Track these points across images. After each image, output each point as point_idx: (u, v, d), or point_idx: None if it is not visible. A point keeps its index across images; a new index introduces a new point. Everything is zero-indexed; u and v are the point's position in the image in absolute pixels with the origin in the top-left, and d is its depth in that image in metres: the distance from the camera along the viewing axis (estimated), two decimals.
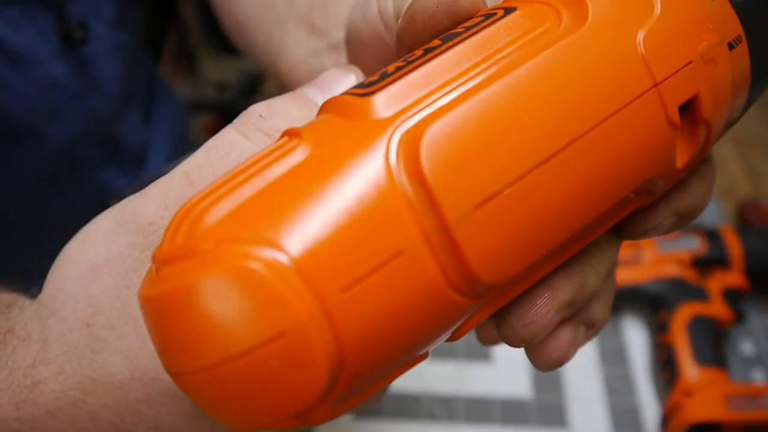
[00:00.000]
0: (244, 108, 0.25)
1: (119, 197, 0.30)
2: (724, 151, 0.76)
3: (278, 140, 0.19)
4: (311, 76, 0.29)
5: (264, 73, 0.98)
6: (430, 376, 0.55)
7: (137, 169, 0.67)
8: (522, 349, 0.24)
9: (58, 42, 0.52)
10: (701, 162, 0.25)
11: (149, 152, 0.69)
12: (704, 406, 0.46)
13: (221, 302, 0.16)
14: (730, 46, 0.21)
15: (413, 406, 0.53)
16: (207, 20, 1.70)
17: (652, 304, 0.56)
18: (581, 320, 0.25)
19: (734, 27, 0.21)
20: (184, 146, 0.78)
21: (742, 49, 0.21)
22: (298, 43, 0.42)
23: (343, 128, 0.19)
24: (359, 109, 0.19)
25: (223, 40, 2.16)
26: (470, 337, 0.25)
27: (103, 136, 0.60)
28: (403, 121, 0.18)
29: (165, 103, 0.74)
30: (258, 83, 0.98)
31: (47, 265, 0.27)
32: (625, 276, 0.57)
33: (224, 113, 1.36)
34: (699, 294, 0.54)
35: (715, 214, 0.67)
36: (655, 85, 0.19)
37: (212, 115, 1.50)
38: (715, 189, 0.80)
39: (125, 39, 0.62)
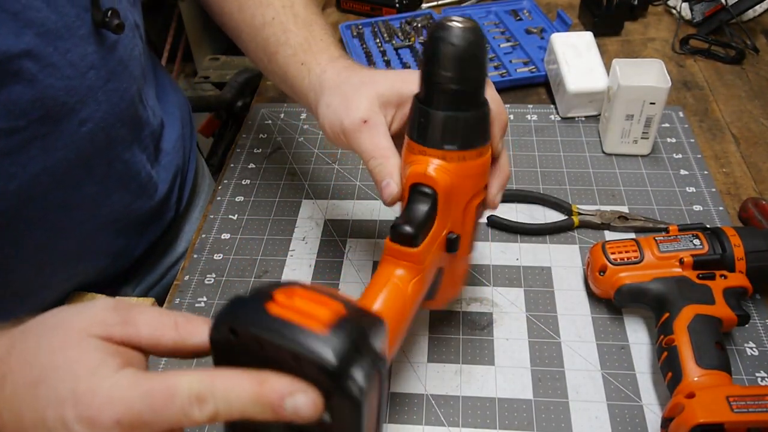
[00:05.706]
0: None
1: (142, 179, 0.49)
2: (726, 151, 0.75)
3: None
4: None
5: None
6: (431, 377, 0.55)
7: (155, 148, 0.70)
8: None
9: (92, 24, 0.53)
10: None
11: (163, 130, 0.72)
12: (707, 407, 0.45)
13: None
14: None
15: (414, 408, 0.53)
16: (206, 20, 1.70)
17: (654, 304, 0.56)
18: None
19: None
20: (189, 125, 0.81)
21: None
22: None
23: None
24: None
25: (222, 41, 2.17)
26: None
27: (131, 116, 0.62)
28: None
29: (169, 83, 0.78)
30: (256, 83, 0.98)
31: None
32: (627, 276, 0.56)
33: (223, 113, 1.36)
34: (701, 294, 0.54)
35: (717, 214, 0.67)
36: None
37: (211, 115, 1.50)
38: (718, 189, 0.80)
39: (138, 19, 0.64)
